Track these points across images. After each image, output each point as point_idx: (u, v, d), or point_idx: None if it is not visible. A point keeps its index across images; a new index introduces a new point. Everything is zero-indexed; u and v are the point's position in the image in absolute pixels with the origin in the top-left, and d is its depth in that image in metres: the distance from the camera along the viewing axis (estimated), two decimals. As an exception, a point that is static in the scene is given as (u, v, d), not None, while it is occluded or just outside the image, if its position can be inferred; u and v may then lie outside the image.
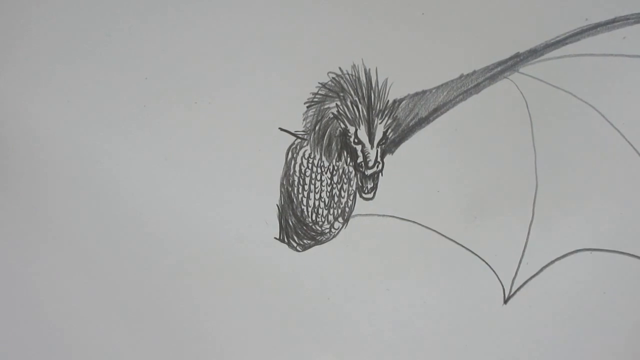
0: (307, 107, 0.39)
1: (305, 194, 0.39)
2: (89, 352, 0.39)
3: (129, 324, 0.39)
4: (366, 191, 0.39)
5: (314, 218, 0.39)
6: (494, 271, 0.39)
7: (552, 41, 0.39)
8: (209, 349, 0.39)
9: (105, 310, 0.39)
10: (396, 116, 0.39)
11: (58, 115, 0.39)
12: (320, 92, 0.39)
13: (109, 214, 0.39)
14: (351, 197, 0.39)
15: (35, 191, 0.39)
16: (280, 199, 0.39)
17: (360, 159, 0.39)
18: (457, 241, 0.39)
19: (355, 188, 0.39)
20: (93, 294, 0.39)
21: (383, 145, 0.39)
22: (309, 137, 0.39)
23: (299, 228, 0.39)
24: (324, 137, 0.39)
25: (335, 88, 0.39)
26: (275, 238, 0.39)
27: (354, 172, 0.39)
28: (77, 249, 0.39)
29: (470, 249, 0.39)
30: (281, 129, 0.39)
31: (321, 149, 0.39)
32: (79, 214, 0.39)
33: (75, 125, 0.39)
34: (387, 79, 0.39)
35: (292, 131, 0.39)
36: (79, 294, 0.39)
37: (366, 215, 0.39)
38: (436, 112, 0.39)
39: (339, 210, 0.39)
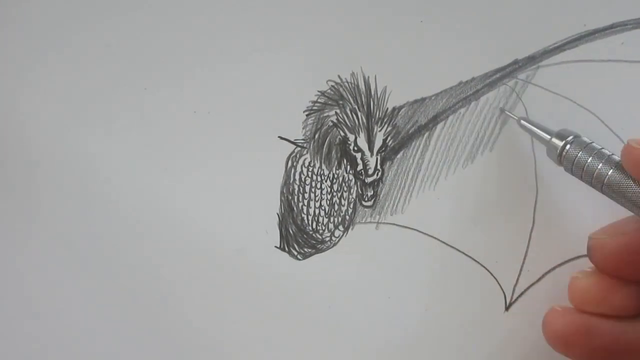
0: (307, 115, 0.39)
1: (306, 202, 0.39)
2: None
3: (126, 336, 0.39)
4: (366, 199, 0.39)
5: (314, 226, 0.39)
6: (495, 278, 0.38)
7: (551, 47, 0.39)
8: (209, 359, 0.39)
9: (101, 322, 0.39)
10: (395, 124, 0.39)
11: (55, 125, 0.39)
12: (319, 100, 0.39)
13: (106, 225, 0.39)
14: (351, 205, 0.39)
15: (34, 200, 0.39)
16: (281, 207, 0.39)
17: (360, 167, 0.39)
18: (458, 248, 0.39)
19: (356, 196, 0.39)
20: (87, 307, 0.39)
21: (383, 153, 0.39)
22: (308, 146, 0.39)
23: (299, 236, 0.39)
24: (324, 145, 0.39)
25: (334, 96, 0.39)
26: (276, 247, 0.39)
27: (353, 180, 0.39)
28: (73, 261, 0.39)
29: (471, 255, 0.39)
30: (281, 138, 0.39)
31: (321, 157, 0.39)
32: (76, 224, 0.39)
33: (72, 136, 0.39)
34: (386, 87, 0.39)
35: (292, 139, 0.39)
36: (71, 313, 0.39)
37: (366, 223, 0.39)
38: (435, 119, 0.39)
39: (339, 219, 0.39)
